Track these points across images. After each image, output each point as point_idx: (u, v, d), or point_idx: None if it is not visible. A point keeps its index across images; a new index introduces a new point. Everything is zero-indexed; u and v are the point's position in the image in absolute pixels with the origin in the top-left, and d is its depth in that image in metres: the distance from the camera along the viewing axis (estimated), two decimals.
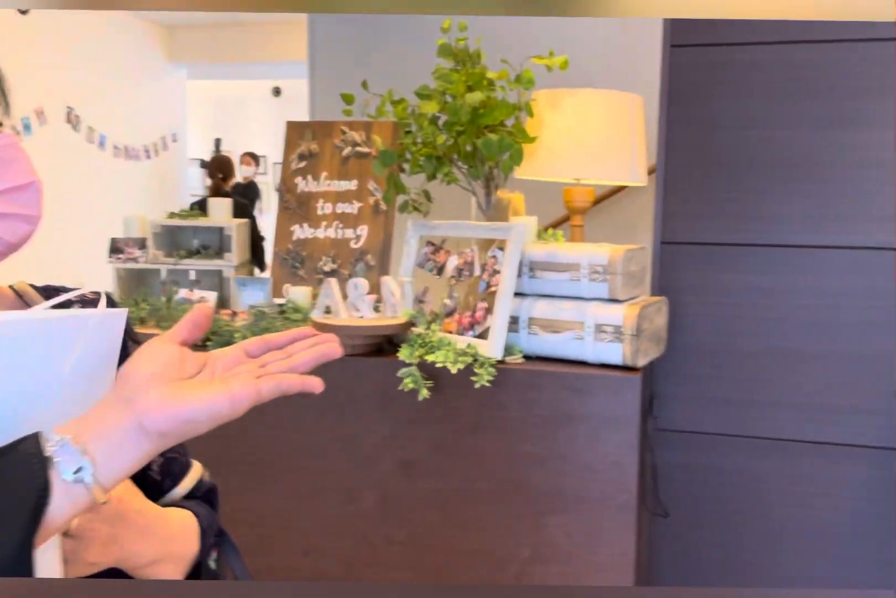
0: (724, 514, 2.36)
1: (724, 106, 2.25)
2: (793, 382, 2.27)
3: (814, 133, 2.19)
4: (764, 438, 2.30)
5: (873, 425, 2.23)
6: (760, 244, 2.26)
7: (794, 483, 2.30)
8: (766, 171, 2.23)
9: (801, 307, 2.24)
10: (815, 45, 2.15)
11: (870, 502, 2.25)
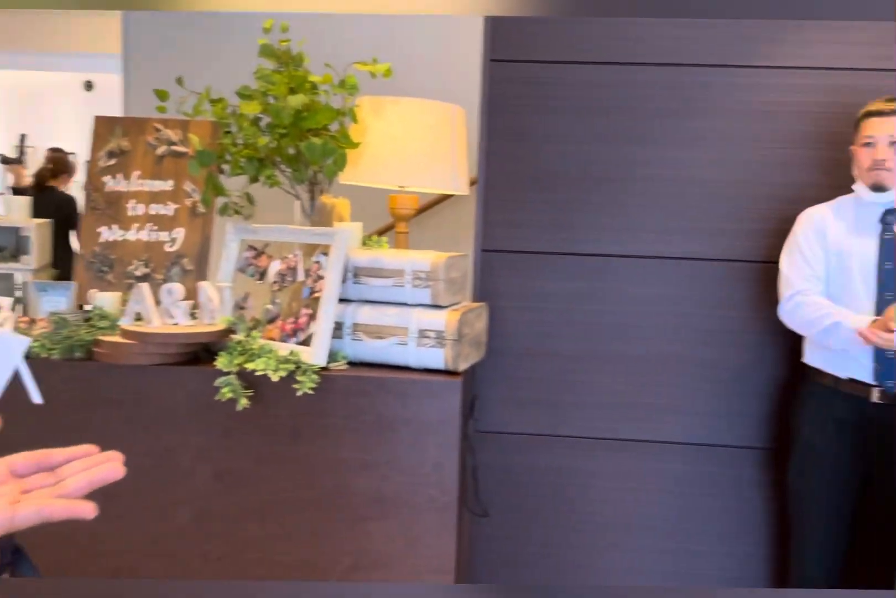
0: (545, 512, 2.46)
1: (539, 120, 2.35)
2: (603, 383, 2.40)
3: (618, 148, 2.34)
4: (579, 437, 2.42)
5: (680, 423, 2.40)
6: (572, 253, 2.38)
7: (610, 479, 2.44)
8: (576, 183, 2.36)
9: (609, 312, 2.38)
10: (610, 66, 2.30)
11: (680, 495, 2.43)
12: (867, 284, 2.01)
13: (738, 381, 2.37)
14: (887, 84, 2.24)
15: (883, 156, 1.97)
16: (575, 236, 2.37)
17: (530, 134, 2.36)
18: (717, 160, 2.31)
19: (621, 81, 2.32)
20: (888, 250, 2.00)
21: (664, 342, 2.38)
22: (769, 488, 2.39)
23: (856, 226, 2.06)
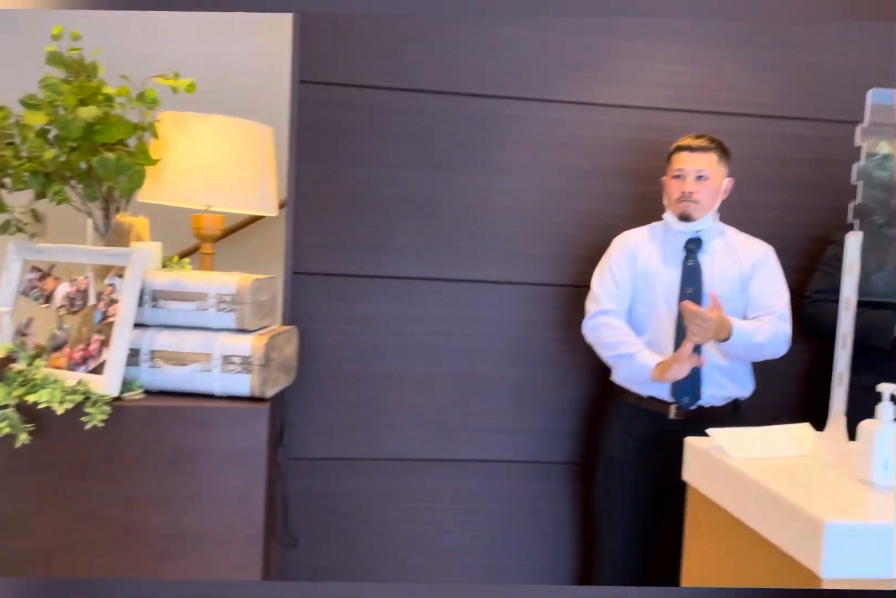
0: (360, 537, 2.43)
1: (353, 143, 2.35)
2: (417, 404, 2.42)
3: (427, 174, 2.38)
4: (394, 459, 2.42)
5: (492, 441, 2.45)
6: (386, 276, 2.39)
7: (425, 500, 2.44)
8: (390, 207, 2.37)
9: (418, 335, 2.40)
10: (423, 94, 2.35)
11: (494, 511, 2.47)
12: (670, 306, 2.15)
13: (549, 399, 2.46)
14: (678, 123, 2.42)
15: (691, 188, 2.11)
16: (389, 260, 2.38)
17: (344, 156, 2.35)
18: (527, 189, 2.41)
19: (435, 109, 2.36)
20: (690, 276, 2.15)
21: (476, 363, 2.43)
22: (577, 501, 2.50)
23: (663, 252, 2.19)
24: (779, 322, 2.13)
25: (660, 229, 2.23)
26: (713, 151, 2.12)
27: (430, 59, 2.35)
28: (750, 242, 2.22)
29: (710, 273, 2.15)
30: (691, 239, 2.17)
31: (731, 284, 2.15)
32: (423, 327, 2.41)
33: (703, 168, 2.11)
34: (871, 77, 2.41)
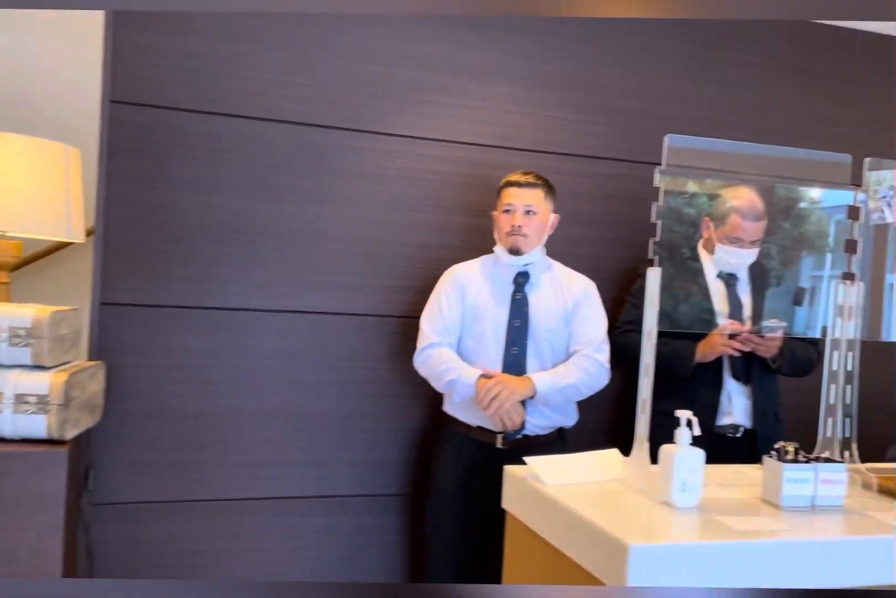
0: None
1: (168, 168, 2.25)
2: (238, 441, 2.32)
3: (257, 203, 2.31)
4: (211, 500, 2.30)
5: (319, 476, 2.39)
6: (203, 307, 2.28)
7: (249, 540, 2.33)
8: (208, 235, 2.28)
9: (241, 368, 2.31)
10: (244, 120, 2.29)
11: (323, 549, 2.40)
12: (498, 339, 2.19)
13: (381, 431, 2.44)
14: (504, 160, 2.50)
15: (519, 222, 2.17)
16: (206, 289, 2.28)
17: (158, 181, 2.24)
18: (358, 219, 2.39)
19: (257, 136, 2.31)
20: (517, 309, 2.20)
21: (301, 397, 2.37)
22: (409, 533, 2.47)
23: (493, 285, 2.24)
24: (594, 354, 2.22)
25: (490, 262, 2.28)
26: (540, 187, 2.20)
27: (261, 86, 2.30)
28: (573, 277, 2.30)
29: (536, 306, 2.22)
30: (520, 273, 2.23)
31: (556, 317, 2.23)
32: (248, 359, 2.32)
33: (531, 203, 2.18)
34: (667, 123, 2.61)
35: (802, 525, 1.48)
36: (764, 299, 2.21)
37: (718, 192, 2.11)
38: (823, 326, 2.18)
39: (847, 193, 1.90)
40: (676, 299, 2.07)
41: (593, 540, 1.41)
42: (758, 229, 2.11)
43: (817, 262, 2.16)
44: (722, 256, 2.17)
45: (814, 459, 1.60)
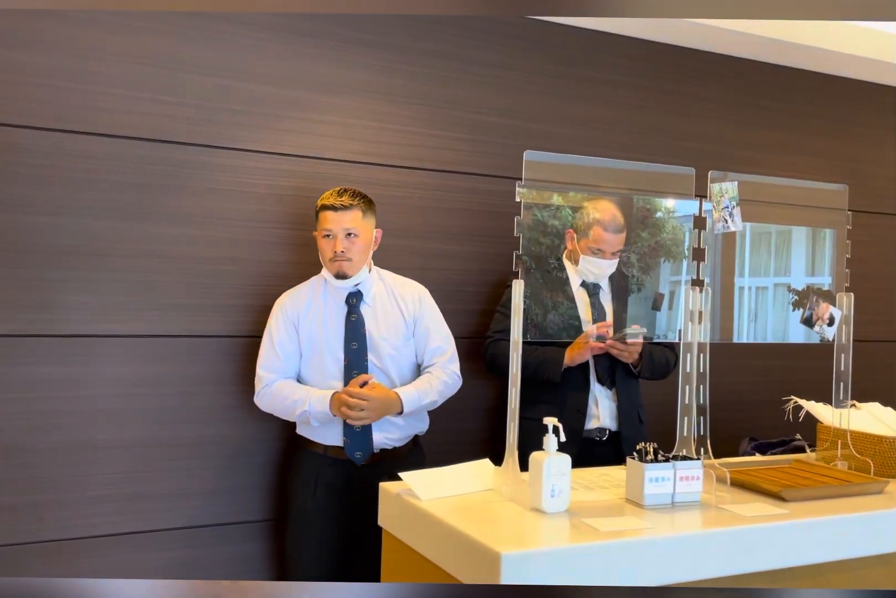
0: None
1: (6, 188, 2.11)
2: (91, 476, 2.19)
3: (100, 223, 2.20)
4: (65, 539, 2.16)
5: (179, 507, 2.29)
6: (46, 335, 2.15)
7: (111, 576, 2.21)
8: (52, 258, 2.15)
9: (97, 397, 2.19)
10: (88, 136, 2.19)
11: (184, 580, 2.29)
12: (337, 364, 2.16)
13: (239, 456, 2.36)
14: (368, 175, 2.49)
15: (341, 248, 2.12)
16: (49, 316, 2.15)
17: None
18: (207, 239, 2.32)
19: (101, 153, 2.20)
20: (353, 331, 2.17)
21: (157, 425, 2.26)
22: (272, 560, 2.41)
23: (325, 310, 2.19)
24: (450, 366, 2.24)
25: (321, 286, 2.22)
26: (357, 208, 2.13)
27: (99, 101, 2.20)
28: (406, 286, 2.28)
29: (373, 326, 2.18)
30: (351, 293, 2.20)
31: (396, 332, 2.21)
32: (94, 389, 2.19)
33: (350, 227, 2.12)
34: (527, 138, 2.69)
35: (664, 522, 1.55)
36: (626, 306, 2.31)
37: (581, 204, 2.19)
38: (681, 329, 2.30)
39: (693, 203, 2.02)
40: (544, 309, 2.13)
41: (467, 551, 1.43)
42: (619, 241, 2.20)
43: (675, 268, 2.28)
44: (586, 266, 2.26)
45: (672, 457, 1.68)
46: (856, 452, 1.96)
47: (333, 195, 2.16)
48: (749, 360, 3.12)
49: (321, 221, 2.16)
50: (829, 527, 1.60)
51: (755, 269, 2.19)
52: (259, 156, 2.38)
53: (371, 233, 2.20)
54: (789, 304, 2.17)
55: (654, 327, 2.27)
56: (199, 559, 2.32)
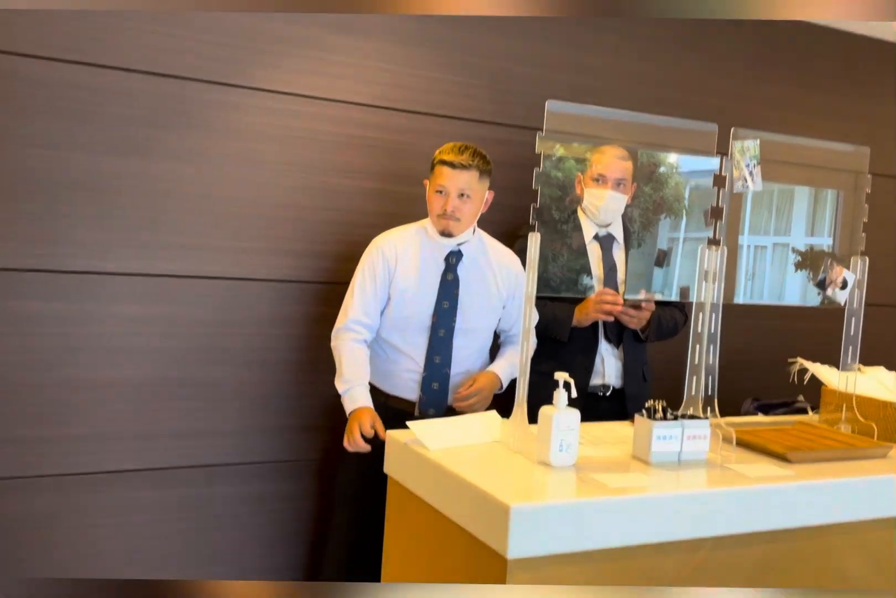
0: (30, 561, 2.16)
1: (8, 120, 2.06)
2: (95, 412, 2.20)
3: (110, 159, 2.16)
4: (67, 474, 2.18)
5: (179, 445, 2.30)
6: (54, 270, 2.13)
7: (105, 515, 2.23)
8: (55, 193, 2.11)
9: (100, 335, 2.18)
10: (98, 69, 2.12)
11: (199, 519, 2.33)
12: (424, 320, 2.11)
13: (246, 398, 2.37)
14: (386, 120, 2.44)
15: (452, 207, 2.07)
16: (57, 252, 2.12)
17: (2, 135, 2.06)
18: (216, 178, 2.27)
19: (112, 86, 2.14)
20: (447, 290, 2.13)
21: (165, 365, 2.25)
22: (284, 501, 2.44)
23: (424, 263, 2.14)
24: None
25: (421, 238, 2.17)
26: (475, 169, 2.08)
27: (118, 34, 2.13)
28: (505, 255, 2.24)
29: (467, 289, 2.15)
30: (452, 252, 2.16)
31: (487, 298, 2.18)
32: (102, 326, 2.18)
33: (464, 187, 2.08)
34: (546, 88, 2.62)
35: (670, 480, 1.56)
36: (633, 262, 2.29)
37: (590, 154, 2.14)
38: (682, 286, 2.29)
39: (710, 160, 1.97)
40: (555, 263, 2.11)
41: (475, 502, 1.43)
42: (620, 168, 2.14)
43: (674, 224, 2.26)
44: (589, 200, 2.20)
45: (680, 416, 1.68)
46: (860, 416, 1.97)
47: (454, 151, 2.08)
48: (753, 320, 3.11)
49: (436, 175, 2.10)
50: (832, 489, 1.61)
51: (755, 228, 2.17)
52: (278, 97, 2.32)
53: (484, 195, 2.15)
54: (792, 264, 2.16)
55: (651, 284, 2.26)
56: (205, 499, 2.34)
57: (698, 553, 1.52)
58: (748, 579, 1.57)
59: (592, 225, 2.29)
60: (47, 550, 2.18)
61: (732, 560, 1.55)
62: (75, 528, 2.20)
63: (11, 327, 2.10)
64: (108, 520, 2.24)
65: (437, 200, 2.11)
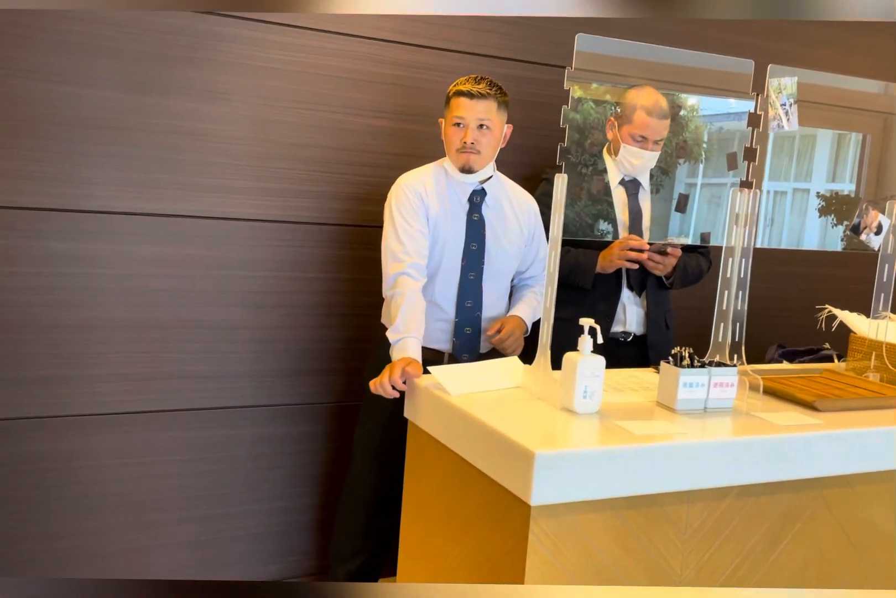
0: (49, 503, 2.18)
1: (25, 55, 1.99)
2: (112, 353, 2.18)
3: (123, 96, 2.10)
4: (86, 415, 2.18)
5: (199, 388, 2.30)
6: (69, 209, 2.09)
7: (127, 456, 2.24)
8: (74, 131, 2.06)
9: (115, 276, 2.15)
10: None
11: (218, 461, 2.34)
12: (454, 263, 2.05)
13: (262, 341, 2.35)
14: (400, 56, 2.35)
15: (472, 139, 1.98)
16: (72, 192, 2.07)
17: (16, 70, 1.99)
18: (236, 117, 2.20)
19: (127, 20, 2.06)
20: (474, 231, 2.06)
21: (181, 307, 2.23)
22: (297, 442, 2.44)
23: (450, 203, 2.07)
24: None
25: (442, 178, 2.09)
26: (493, 98, 1.99)
27: None
28: (522, 194, 2.18)
29: (494, 229, 2.09)
30: (475, 191, 2.08)
31: (512, 239, 2.12)
32: (118, 267, 2.15)
33: (483, 117, 1.98)
34: (567, 24, 2.51)
35: (696, 428, 1.53)
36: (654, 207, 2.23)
37: (623, 94, 2.06)
38: (703, 233, 2.24)
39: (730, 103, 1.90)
40: (579, 207, 2.05)
41: (497, 448, 1.42)
42: (662, 127, 2.07)
43: (691, 170, 2.19)
44: (625, 156, 2.13)
45: (707, 363, 1.65)
46: (890, 364, 1.93)
47: (470, 81, 2.00)
48: (775, 267, 3.05)
49: (452, 107, 2.01)
50: (861, 439, 1.59)
51: (775, 173, 2.10)
52: (299, 32, 2.23)
53: (503, 128, 2.05)
54: (814, 210, 2.09)
55: (667, 230, 2.21)
56: (224, 440, 2.35)
57: (724, 501, 1.50)
58: (773, 527, 1.56)
59: (619, 170, 2.22)
60: (69, 489, 2.20)
61: (758, 508, 1.53)
62: (94, 468, 2.22)
63: (26, 266, 2.07)
64: (128, 460, 2.25)
65: (455, 133, 2.01)
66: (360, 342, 2.42)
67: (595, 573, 1.42)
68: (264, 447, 2.40)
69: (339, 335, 2.43)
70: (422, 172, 2.11)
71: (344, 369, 2.45)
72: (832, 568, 1.64)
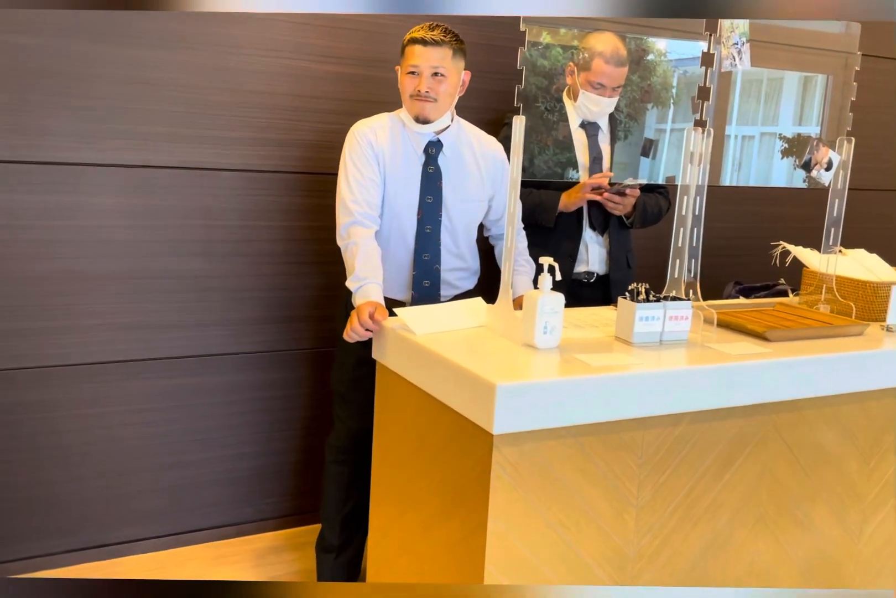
0: (29, 452, 2.22)
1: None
2: (81, 304, 2.20)
3: (81, 45, 2.07)
4: (55, 366, 2.21)
5: (169, 337, 2.33)
6: (30, 161, 2.08)
7: (101, 405, 2.27)
8: (24, 81, 2.03)
9: (80, 228, 2.16)
10: None
11: (189, 407, 2.38)
12: (410, 216, 2.04)
13: (231, 290, 2.37)
14: None
15: (426, 87, 1.95)
16: (31, 143, 2.06)
17: None
18: (193, 65, 2.19)
19: None
20: (430, 183, 2.04)
21: (148, 257, 2.24)
22: (267, 389, 2.49)
23: (402, 154, 2.04)
24: (523, 233, 2.22)
25: (398, 128, 2.06)
26: (448, 46, 1.96)
27: None
28: (488, 143, 2.15)
29: (450, 182, 2.07)
30: (431, 142, 2.05)
31: (472, 190, 2.10)
32: (83, 219, 2.15)
33: (437, 65, 1.95)
34: None
35: (652, 359, 1.59)
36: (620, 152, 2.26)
37: (581, 39, 2.07)
38: (668, 176, 2.28)
39: (699, 46, 1.91)
40: (540, 149, 2.08)
41: (461, 382, 1.47)
42: (620, 75, 2.10)
43: (661, 115, 2.22)
44: (584, 102, 2.16)
45: (663, 298, 1.70)
46: (839, 296, 2.00)
47: (424, 29, 1.97)
48: (736, 205, 3.11)
49: (407, 55, 1.98)
50: (809, 366, 1.66)
51: (743, 117, 2.13)
52: None
53: (459, 76, 2.03)
54: (778, 152, 2.14)
55: (637, 174, 2.25)
56: (198, 387, 2.39)
57: (678, 427, 1.58)
58: (725, 451, 1.64)
59: (578, 114, 2.24)
60: (47, 439, 2.23)
61: (711, 433, 1.61)
62: (68, 417, 2.25)
63: None
64: (102, 409, 2.28)
65: (409, 81, 1.99)
66: (329, 289, 2.46)
67: (556, 497, 1.49)
68: (237, 394, 2.45)
69: (306, 283, 2.46)
70: (376, 119, 2.09)
71: (315, 316, 2.49)
72: (782, 488, 1.73)
